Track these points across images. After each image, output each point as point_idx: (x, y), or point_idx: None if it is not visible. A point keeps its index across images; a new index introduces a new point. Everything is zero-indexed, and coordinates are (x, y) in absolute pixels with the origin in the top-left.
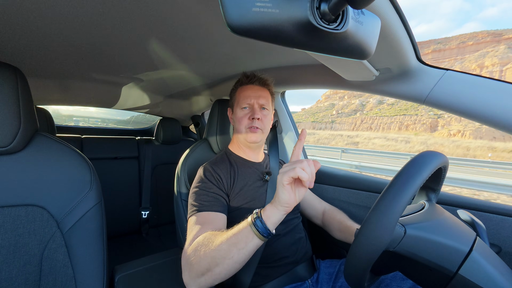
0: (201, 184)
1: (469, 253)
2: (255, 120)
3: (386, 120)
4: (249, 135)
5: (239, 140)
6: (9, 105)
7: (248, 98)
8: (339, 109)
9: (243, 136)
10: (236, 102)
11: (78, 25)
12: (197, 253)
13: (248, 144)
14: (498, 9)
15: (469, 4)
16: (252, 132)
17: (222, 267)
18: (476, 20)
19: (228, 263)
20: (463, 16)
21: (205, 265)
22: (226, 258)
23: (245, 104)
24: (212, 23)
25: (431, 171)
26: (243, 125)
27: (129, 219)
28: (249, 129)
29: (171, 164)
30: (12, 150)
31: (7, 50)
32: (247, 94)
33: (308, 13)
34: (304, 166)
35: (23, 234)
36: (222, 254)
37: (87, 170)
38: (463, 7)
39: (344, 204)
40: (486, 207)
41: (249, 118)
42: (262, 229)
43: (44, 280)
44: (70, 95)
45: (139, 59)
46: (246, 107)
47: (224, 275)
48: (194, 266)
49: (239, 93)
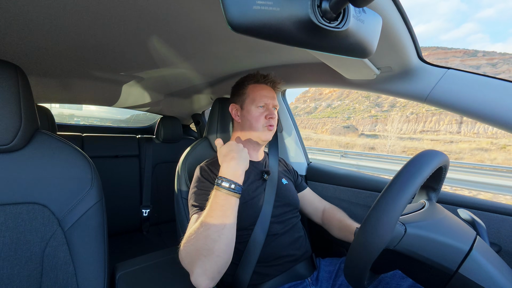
0: (198, 183)
1: (469, 252)
2: (272, 119)
3: (316, 121)
4: (266, 133)
5: (250, 136)
6: (10, 103)
7: (265, 98)
8: (297, 112)
9: (257, 134)
10: (249, 99)
11: (79, 23)
12: (191, 241)
13: (261, 141)
14: (495, 10)
15: (465, 4)
16: (269, 131)
17: (220, 241)
18: (473, 21)
19: (224, 234)
20: (460, 16)
21: (203, 247)
22: (220, 231)
23: (262, 103)
24: (213, 21)
25: (432, 170)
26: (260, 123)
27: (130, 217)
28: (266, 128)
29: (172, 163)
30: (13, 148)
31: (8, 48)
32: (263, 93)
33: (309, 11)
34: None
35: (24, 232)
36: (215, 230)
37: (88, 168)
38: (460, 8)
39: (344, 203)
40: (486, 206)
41: (266, 117)
42: (238, 188)
43: (46, 278)
44: (71, 93)
45: (140, 57)
46: (262, 106)
47: (225, 250)
48: (193, 255)
49: (253, 90)
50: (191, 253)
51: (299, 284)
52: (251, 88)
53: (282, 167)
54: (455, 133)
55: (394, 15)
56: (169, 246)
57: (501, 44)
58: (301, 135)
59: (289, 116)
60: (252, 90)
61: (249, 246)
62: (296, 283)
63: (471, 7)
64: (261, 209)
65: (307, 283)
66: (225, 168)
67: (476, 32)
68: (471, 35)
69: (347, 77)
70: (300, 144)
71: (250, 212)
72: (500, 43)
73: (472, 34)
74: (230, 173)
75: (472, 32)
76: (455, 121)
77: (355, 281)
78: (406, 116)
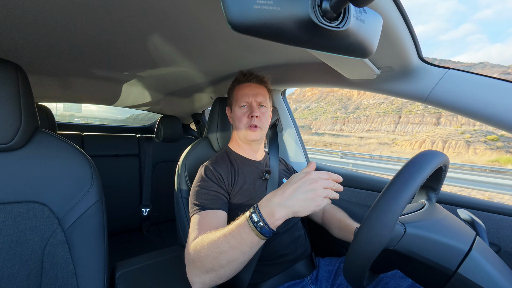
0: (202, 183)
1: (469, 252)
2: (254, 118)
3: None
4: (249, 133)
5: (239, 138)
6: (10, 102)
7: (246, 96)
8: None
9: (242, 135)
10: (234, 101)
11: (80, 21)
12: (199, 253)
13: (248, 142)
14: (493, 10)
15: (463, 5)
16: (252, 131)
17: (227, 268)
18: (471, 22)
19: (232, 264)
20: (458, 17)
21: (208, 265)
22: (230, 261)
23: (244, 102)
24: (213, 21)
25: (432, 171)
26: (242, 123)
27: (129, 217)
28: (248, 128)
29: (172, 162)
30: (13, 147)
31: (8, 46)
32: (244, 92)
33: (310, 10)
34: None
35: (24, 230)
36: (226, 257)
37: (88, 167)
38: (458, 9)
39: (344, 202)
40: (486, 207)
41: (248, 116)
42: (265, 230)
43: (46, 276)
44: (71, 92)
45: (140, 56)
46: (244, 106)
47: (229, 274)
48: (197, 265)
49: (237, 91)
50: (195, 257)
51: (299, 283)
52: (236, 90)
53: (282, 166)
54: (390, 132)
55: (395, 15)
56: (169, 245)
57: (500, 44)
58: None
59: (289, 116)
60: (236, 92)
61: None
62: (296, 282)
63: (469, 8)
64: None
65: (307, 282)
66: (269, 198)
67: (475, 32)
68: (469, 35)
69: (347, 77)
70: (300, 144)
71: None
72: (499, 43)
73: (471, 34)
74: (269, 209)
75: (470, 32)
76: (393, 122)
77: (355, 280)
78: (359, 117)
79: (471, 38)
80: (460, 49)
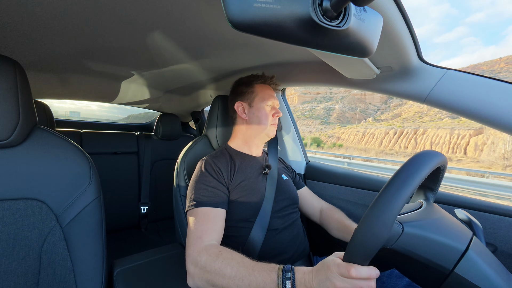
0: (201, 177)
1: (465, 251)
2: (277, 117)
3: None
4: (273, 130)
5: (256, 133)
6: (8, 98)
7: (272, 97)
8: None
9: (266, 131)
10: (258, 97)
11: (78, 17)
12: (208, 273)
13: (268, 138)
14: (484, 14)
15: (456, 9)
16: (275, 127)
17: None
18: (464, 25)
19: None
20: (451, 20)
21: (218, 284)
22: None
23: (270, 102)
24: (213, 18)
25: (430, 170)
26: (269, 120)
27: (128, 214)
28: (273, 125)
29: (171, 160)
30: (11, 143)
31: (6, 43)
32: (269, 93)
33: (310, 9)
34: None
35: (22, 227)
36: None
37: (86, 165)
38: (450, 12)
39: (342, 202)
40: (483, 207)
41: (273, 115)
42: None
43: (44, 273)
44: (70, 89)
45: (139, 53)
46: (270, 105)
47: None
48: (205, 276)
49: (261, 89)
50: (205, 271)
51: None
52: (259, 87)
53: (282, 164)
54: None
55: (395, 15)
56: (167, 243)
57: (494, 46)
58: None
59: (289, 115)
60: (261, 89)
61: (249, 241)
62: None
63: (461, 12)
64: (262, 203)
65: None
66: (308, 272)
67: (468, 35)
68: (463, 38)
69: (347, 76)
70: (299, 143)
71: (251, 205)
72: (493, 46)
73: (464, 37)
74: (303, 284)
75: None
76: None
77: None
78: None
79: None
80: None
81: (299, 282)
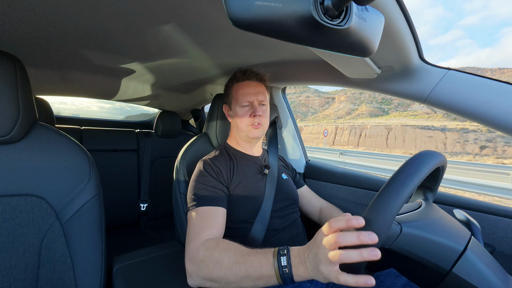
0: (200, 177)
1: (463, 252)
2: (256, 117)
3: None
4: (252, 131)
5: (239, 136)
6: (8, 94)
7: (248, 95)
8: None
9: (245, 133)
10: (234, 100)
11: (78, 13)
12: (210, 261)
13: (250, 139)
14: (478, 17)
15: (450, 12)
16: (255, 129)
17: (232, 286)
18: (458, 27)
19: (238, 286)
20: (446, 23)
21: (216, 277)
22: (239, 285)
23: (245, 102)
24: (213, 16)
25: (429, 171)
26: (245, 123)
27: (127, 211)
28: (251, 126)
29: (170, 158)
30: (11, 139)
31: (6, 39)
32: (245, 91)
33: (312, 8)
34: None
35: (22, 223)
36: (237, 281)
37: (86, 162)
38: (445, 15)
39: (341, 201)
40: (482, 207)
41: (250, 115)
42: (287, 277)
43: (43, 269)
44: (70, 86)
45: (140, 49)
46: (246, 105)
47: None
48: (203, 271)
49: (236, 90)
50: (204, 264)
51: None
52: (235, 88)
53: (281, 163)
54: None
55: (397, 14)
56: (167, 240)
57: (489, 48)
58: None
59: (289, 114)
60: (236, 90)
61: (249, 241)
62: None
63: (455, 15)
64: (261, 203)
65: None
66: (304, 249)
67: (463, 37)
68: (458, 40)
69: (347, 75)
70: (299, 142)
71: (251, 205)
72: (488, 48)
73: (459, 39)
74: (298, 260)
75: (459, 37)
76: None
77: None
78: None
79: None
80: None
81: (294, 257)
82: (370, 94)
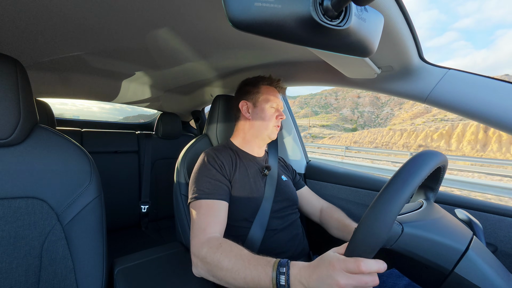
0: (204, 170)
1: (465, 251)
2: (280, 120)
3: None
4: (274, 132)
5: (256, 134)
6: (9, 97)
7: (277, 99)
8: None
9: (267, 132)
10: (263, 99)
11: (79, 16)
12: (212, 261)
13: (269, 139)
14: (472, 20)
15: (444, 14)
16: (277, 130)
17: (230, 285)
18: (454, 30)
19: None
20: (441, 25)
21: (217, 276)
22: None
23: (275, 104)
24: (213, 17)
25: (430, 170)
26: (272, 122)
27: (128, 213)
28: (275, 127)
29: (171, 159)
30: (12, 142)
31: (7, 41)
32: (275, 95)
33: (311, 9)
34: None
35: (23, 226)
36: (234, 283)
37: (87, 164)
38: (439, 18)
39: (342, 201)
40: (484, 207)
41: (276, 117)
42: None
43: (44, 272)
44: (71, 88)
45: (140, 52)
46: (274, 107)
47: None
48: (205, 267)
49: (267, 91)
50: (206, 262)
51: None
52: (265, 89)
53: (282, 164)
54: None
55: (396, 14)
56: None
57: (485, 50)
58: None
59: (289, 115)
60: (266, 91)
61: (248, 241)
62: None
63: (450, 17)
64: (261, 203)
65: None
66: (304, 268)
67: (458, 39)
68: (454, 42)
69: (347, 75)
70: (299, 143)
71: (250, 205)
72: (484, 49)
73: (455, 41)
74: (297, 279)
75: (455, 39)
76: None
77: None
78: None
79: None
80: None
81: (294, 277)
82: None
